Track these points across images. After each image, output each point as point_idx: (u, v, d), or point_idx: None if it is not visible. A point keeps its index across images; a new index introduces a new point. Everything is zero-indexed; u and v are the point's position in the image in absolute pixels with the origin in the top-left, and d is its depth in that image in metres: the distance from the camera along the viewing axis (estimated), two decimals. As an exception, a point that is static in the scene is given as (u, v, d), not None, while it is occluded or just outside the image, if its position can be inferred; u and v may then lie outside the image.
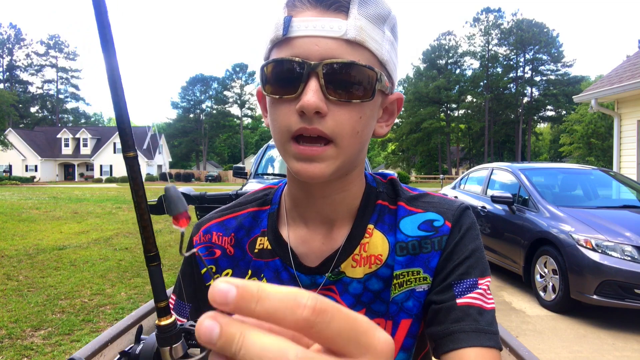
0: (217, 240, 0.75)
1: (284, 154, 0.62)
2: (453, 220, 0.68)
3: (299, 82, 0.57)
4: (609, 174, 6.23)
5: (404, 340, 0.67)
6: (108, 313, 4.44)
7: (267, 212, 0.75)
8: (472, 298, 0.63)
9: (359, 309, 0.67)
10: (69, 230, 9.87)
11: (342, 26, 0.57)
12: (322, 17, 0.57)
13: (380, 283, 0.68)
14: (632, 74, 8.42)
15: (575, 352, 3.71)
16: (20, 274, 5.95)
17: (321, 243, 0.69)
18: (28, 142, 49.83)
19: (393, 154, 59.80)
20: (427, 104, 53.42)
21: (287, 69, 0.58)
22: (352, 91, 0.58)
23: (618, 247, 4.23)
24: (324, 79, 0.56)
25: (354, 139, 0.60)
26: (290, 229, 0.72)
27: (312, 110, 0.56)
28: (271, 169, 6.31)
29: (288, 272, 0.70)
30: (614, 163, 9.23)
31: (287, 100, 0.58)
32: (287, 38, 0.58)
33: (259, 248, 0.73)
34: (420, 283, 0.67)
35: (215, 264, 0.74)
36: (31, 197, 19.64)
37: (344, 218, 0.69)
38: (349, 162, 0.62)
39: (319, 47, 0.57)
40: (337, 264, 0.68)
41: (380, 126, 0.67)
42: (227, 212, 0.78)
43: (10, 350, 3.55)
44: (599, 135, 34.91)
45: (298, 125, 0.58)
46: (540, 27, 52.86)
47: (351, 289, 0.68)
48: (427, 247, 0.67)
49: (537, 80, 54.37)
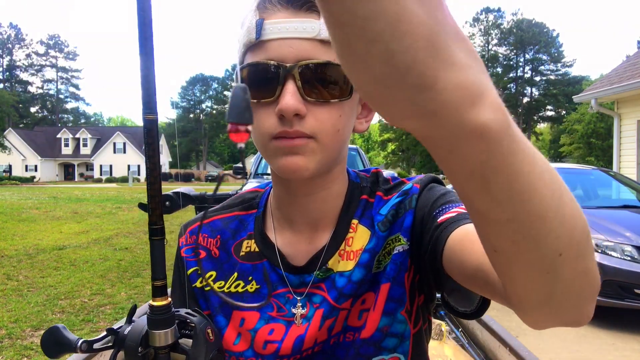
0: (203, 241, 0.75)
1: (266, 153, 0.61)
2: (422, 183, 0.69)
3: (276, 85, 0.57)
4: (609, 174, 6.23)
5: (385, 305, 0.66)
6: (108, 313, 4.44)
7: (253, 215, 0.75)
8: (454, 212, 0.59)
9: (344, 301, 0.66)
10: (69, 230, 9.87)
11: (315, 26, 0.56)
12: (294, 18, 0.57)
13: (362, 270, 0.67)
14: (632, 74, 8.42)
15: (575, 352, 3.71)
16: (20, 274, 5.95)
17: (307, 243, 0.69)
18: (28, 142, 49.83)
19: (393, 154, 59.79)
20: (427, 104, 53.31)
21: (263, 73, 0.58)
22: (329, 90, 0.58)
23: (618, 247, 4.23)
24: (301, 80, 0.56)
25: (335, 136, 0.60)
26: (276, 231, 0.72)
27: (291, 113, 0.56)
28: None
29: (276, 273, 0.69)
30: (614, 163, 9.23)
31: (265, 104, 0.58)
32: (260, 41, 0.58)
33: (245, 251, 0.72)
34: (397, 244, 0.66)
35: (200, 266, 0.74)
36: (31, 197, 19.64)
37: (328, 217, 0.69)
38: (330, 159, 0.62)
39: (294, 48, 0.57)
40: (324, 262, 0.68)
41: (359, 122, 0.67)
42: (214, 213, 0.77)
43: (10, 350, 3.55)
44: (599, 135, 34.89)
45: (278, 128, 0.57)
46: (540, 27, 52.86)
47: (338, 284, 0.67)
48: (402, 211, 0.68)
49: (537, 80, 54.36)
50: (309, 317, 0.67)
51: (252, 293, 0.70)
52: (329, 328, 0.66)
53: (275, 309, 0.68)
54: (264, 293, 0.69)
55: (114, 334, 0.53)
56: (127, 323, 0.53)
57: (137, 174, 51.11)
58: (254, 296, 0.70)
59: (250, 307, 0.69)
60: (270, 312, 0.68)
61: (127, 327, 0.53)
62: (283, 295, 0.69)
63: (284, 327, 0.67)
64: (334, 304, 0.66)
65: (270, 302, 0.69)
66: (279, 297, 0.69)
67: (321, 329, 0.66)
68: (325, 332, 0.66)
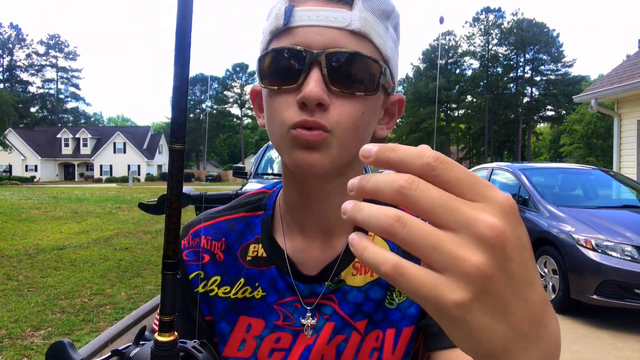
0: (206, 244, 0.71)
1: (282, 145, 0.58)
2: None
3: (300, 72, 0.54)
4: (609, 174, 6.23)
5: (407, 347, 0.64)
6: (108, 313, 4.44)
7: (260, 217, 0.71)
8: None
9: (360, 319, 0.64)
10: (69, 230, 9.87)
11: (346, 16, 0.54)
12: (325, 7, 0.55)
13: (382, 291, 0.65)
14: (632, 74, 8.42)
15: (575, 352, 3.71)
16: (20, 274, 5.95)
17: (320, 251, 0.66)
18: (28, 142, 49.85)
19: (393, 154, 59.71)
20: (427, 104, 53.40)
21: (287, 59, 0.55)
22: (355, 83, 0.55)
23: (618, 247, 4.23)
24: (327, 69, 0.53)
25: (354, 133, 0.57)
26: (286, 236, 0.68)
27: (314, 101, 0.53)
28: (271, 169, 6.31)
29: (285, 281, 0.66)
30: (614, 163, 9.23)
31: (286, 91, 0.55)
32: (288, 28, 0.55)
33: (252, 255, 0.69)
34: None
35: (203, 270, 0.70)
36: (31, 197, 19.64)
37: (343, 225, 0.65)
38: (346, 158, 0.59)
39: (322, 36, 0.54)
40: (337, 272, 0.65)
41: (380, 128, 0.64)
42: (218, 215, 0.74)
43: (10, 350, 3.55)
44: (599, 135, 34.88)
45: (298, 117, 0.54)
46: (540, 27, 52.83)
47: (351, 297, 0.65)
48: None
49: (537, 80, 54.34)
50: (318, 328, 0.65)
51: (259, 300, 0.67)
52: (337, 347, 0.64)
53: (282, 318, 0.66)
54: (270, 301, 0.67)
55: (119, 354, 0.51)
56: (135, 344, 0.52)
57: (137, 174, 51.12)
58: (260, 303, 0.67)
59: (256, 314, 0.67)
60: (276, 320, 0.66)
61: (134, 349, 0.51)
62: (290, 304, 0.66)
63: (291, 336, 0.65)
64: (348, 319, 0.64)
65: (275, 311, 0.66)
66: (286, 305, 0.66)
67: (330, 344, 0.64)
68: (333, 351, 0.64)
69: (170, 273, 0.45)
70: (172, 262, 0.44)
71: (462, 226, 0.25)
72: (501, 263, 0.25)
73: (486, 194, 0.26)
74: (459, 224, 0.25)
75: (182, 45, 0.41)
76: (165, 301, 0.44)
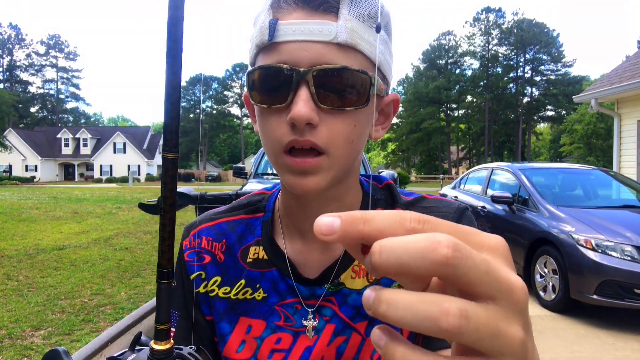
0: (207, 245, 0.72)
1: (276, 166, 0.59)
2: (453, 217, 0.67)
3: (288, 90, 0.54)
4: (609, 174, 6.23)
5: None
6: (108, 313, 4.44)
7: (260, 219, 0.72)
8: None
9: (360, 320, 0.65)
10: (69, 230, 9.87)
11: (332, 29, 0.53)
12: (310, 19, 0.54)
13: None
14: (632, 74, 8.42)
15: (575, 352, 3.71)
16: (20, 274, 5.95)
17: (319, 253, 0.67)
18: (28, 142, 49.83)
19: (393, 154, 59.78)
20: (427, 104, 53.40)
21: (275, 77, 0.54)
22: (345, 98, 0.54)
23: (618, 247, 4.23)
24: (315, 86, 0.53)
25: (348, 148, 0.57)
26: (286, 238, 0.69)
27: (303, 122, 0.53)
28: (271, 169, 6.31)
29: (286, 283, 0.67)
30: (614, 163, 9.23)
31: (276, 110, 0.55)
32: (273, 43, 0.55)
33: (253, 257, 0.69)
34: None
35: (204, 270, 0.71)
36: (31, 197, 19.64)
37: None
38: (343, 172, 0.60)
39: (308, 52, 0.53)
40: (337, 275, 0.65)
41: (376, 130, 0.64)
42: (219, 215, 0.74)
43: (10, 350, 3.55)
44: (599, 135, 34.90)
45: (289, 137, 0.55)
46: (540, 27, 52.83)
47: (350, 300, 0.65)
48: None
49: (537, 80, 54.35)
50: (319, 329, 0.65)
51: (259, 301, 0.68)
52: (337, 348, 0.65)
53: (283, 319, 0.66)
54: (271, 302, 0.67)
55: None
56: (130, 350, 0.51)
57: (137, 174, 51.12)
58: (261, 304, 0.68)
59: (257, 315, 0.67)
60: (277, 321, 0.67)
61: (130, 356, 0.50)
62: (291, 306, 0.66)
63: (291, 337, 0.66)
64: (348, 321, 0.65)
65: (277, 311, 0.67)
66: (287, 306, 0.67)
67: (330, 345, 0.64)
68: (333, 352, 0.65)
69: (164, 282, 0.44)
70: (166, 270, 0.44)
71: (504, 296, 0.22)
72: (527, 324, 0.23)
73: (480, 242, 0.23)
74: (502, 293, 0.22)
75: (173, 53, 0.40)
76: (160, 309, 0.44)
